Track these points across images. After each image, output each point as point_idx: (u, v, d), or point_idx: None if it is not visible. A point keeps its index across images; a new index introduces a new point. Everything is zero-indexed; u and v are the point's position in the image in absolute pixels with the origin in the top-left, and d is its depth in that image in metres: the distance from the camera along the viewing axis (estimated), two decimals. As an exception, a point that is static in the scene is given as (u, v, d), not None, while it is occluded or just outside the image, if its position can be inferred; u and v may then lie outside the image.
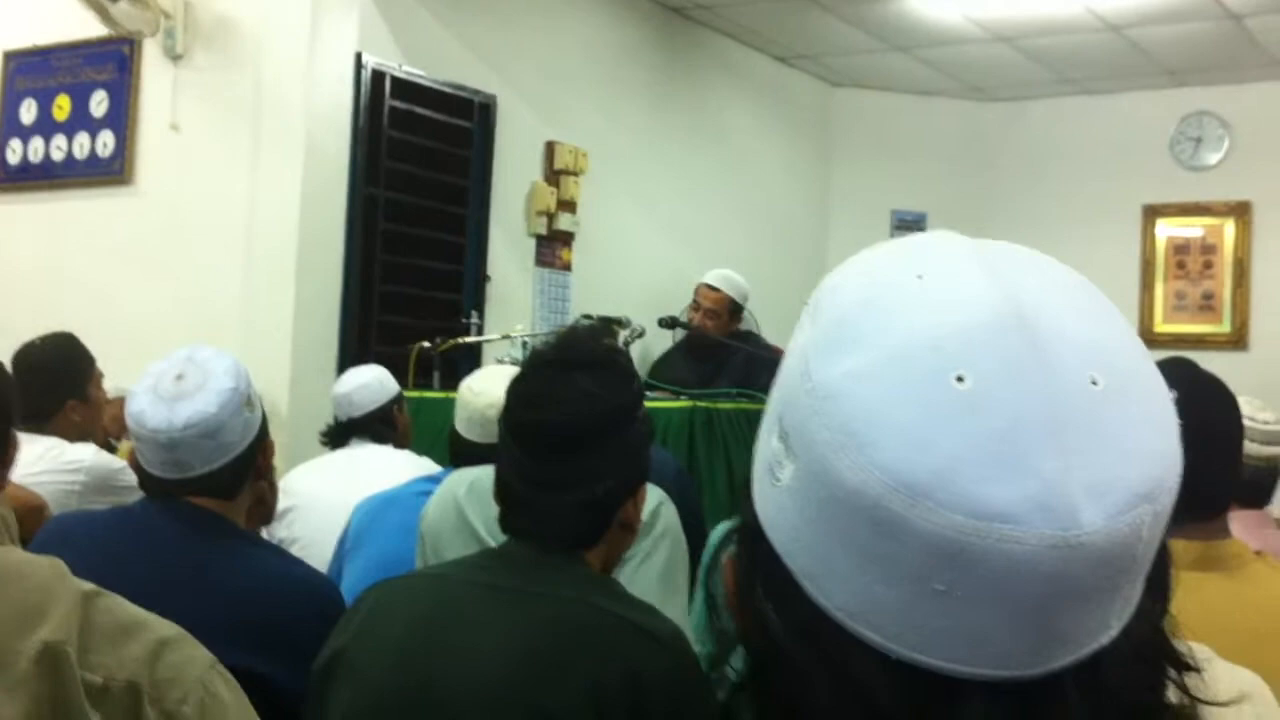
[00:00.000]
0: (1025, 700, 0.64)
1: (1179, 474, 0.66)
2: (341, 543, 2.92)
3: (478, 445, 2.64)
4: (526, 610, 1.61)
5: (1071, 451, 0.62)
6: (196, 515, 2.06)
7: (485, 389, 2.67)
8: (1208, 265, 7.82)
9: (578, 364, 1.74)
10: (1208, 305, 7.73)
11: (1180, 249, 7.92)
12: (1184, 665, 0.71)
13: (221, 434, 2.07)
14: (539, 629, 1.59)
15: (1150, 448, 0.65)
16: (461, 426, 2.73)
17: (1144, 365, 0.68)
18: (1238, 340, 7.47)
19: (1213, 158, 7.86)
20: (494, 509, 1.92)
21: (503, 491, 1.76)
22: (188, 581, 1.99)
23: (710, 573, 0.81)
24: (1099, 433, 0.63)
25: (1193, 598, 0.79)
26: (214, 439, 2.07)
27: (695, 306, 5.46)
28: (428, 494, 2.78)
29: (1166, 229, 7.95)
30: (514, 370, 2.90)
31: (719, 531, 2.73)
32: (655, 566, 2.18)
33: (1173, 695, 0.71)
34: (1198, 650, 0.73)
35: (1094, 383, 0.63)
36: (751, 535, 0.72)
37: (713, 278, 5.56)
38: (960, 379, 0.63)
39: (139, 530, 2.06)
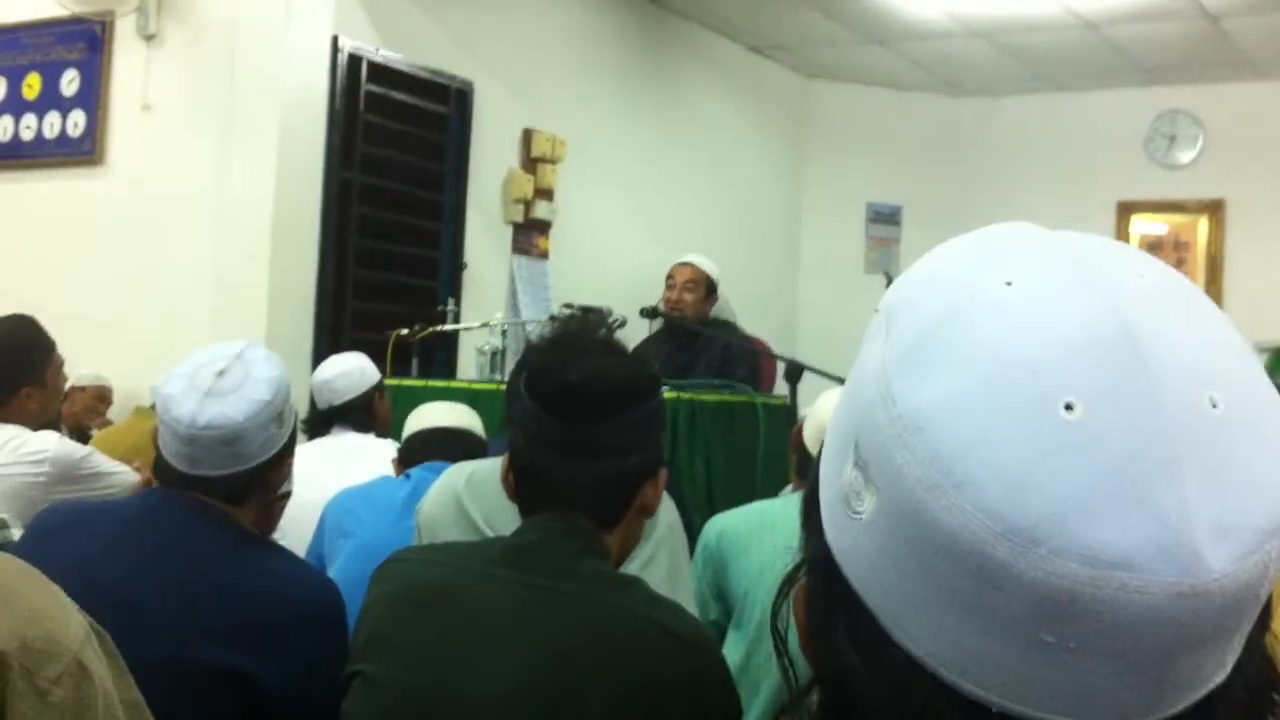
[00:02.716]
0: None
1: None
2: (319, 538, 2.88)
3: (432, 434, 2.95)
4: (551, 610, 1.57)
5: (1194, 487, 0.56)
6: (200, 510, 2.00)
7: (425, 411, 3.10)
8: (1181, 262, 7.86)
9: (593, 347, 1.73)
10: (1180, 303, 7.76)
11: (1154, 246, 7.95)
12: None
13: (239, 443, 2.01)
14: (563, 631, 1.55)
15: (1275, 474, 0.58)
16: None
17: (1258, 376, 0.61)
18: (1210, 338, 7.51)
19: (1186, 156, 7.90)
20: (494, 501, 1.88)
21: (523, 466, 1.71)
22: (183, 578, 1.93)
23: (775, 610, 0.75)
24: (1221, 464, 0.57)
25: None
26: (230, 446, 2.00)
27: (670, 286, 5.43)
28: (405, 487, 2.79)
29: (1141, 225, 8.00)
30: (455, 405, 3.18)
31: (714, 533, 2.70)
32: (661, 568, 2.15)
33: None
34: None
35: (1213, 405, 0.57)
36: (824, 569, 0.65)
37: (686, 257, 5.56)
38: (1069, 407, 0.56)
39: (138, 523, 2.00)
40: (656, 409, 1.74)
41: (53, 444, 3.21)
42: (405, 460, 2.98)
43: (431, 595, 1.64)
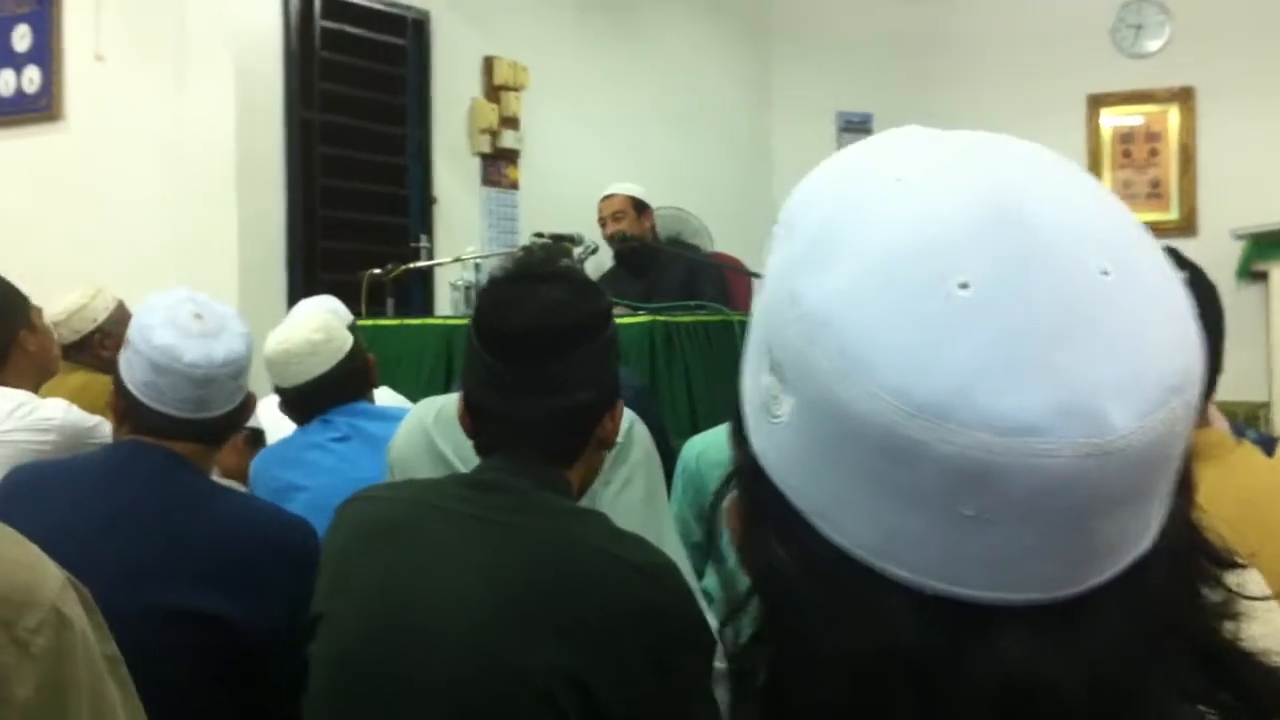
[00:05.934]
0: (1067, 620, 0.59)
1: (1203, 359, 0.61)
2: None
3: (285, 391, 2.79)
4: (509, 544, 1.56)
5: (1091, 350, 0.57)
6: (171, 460, 2.01)
7: (284, 334, 2.81)
8: (1153, 153, 7.83)
9: (543, 277, 1.70)
10: (1155, 193, 7.74)
11: (1125, 137, 7.91)
12: (1224, 561, 0.67)
13: (243, 376, 2.07)
14: (521, 565, 1.55)
15: (1173, 335, 0.60)
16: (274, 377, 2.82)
17: (1149, 246, 0.63)
18: (1186, 227, 7.49)
19: (1154, 44, 7.83)
20: (464, 434, 1.87)
21: (476, 410, 1.70)
22: (157, 527, 1.95)
23: (711, 523, 0.75)
24: (1118, 326, 0.58)
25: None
26: (237, 380, 2.06)
27: (603, 224, 5.43)
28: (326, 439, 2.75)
29: (1111, 118, 7.93)
30: (317, 310, 2.96)
31: (693, 454, 2.70)
32: (637, 491, 2.15)
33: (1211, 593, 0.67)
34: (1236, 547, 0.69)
35: (1104, 273, 0.59)
36: (752, 477, 0.67)
37: (607, 189, 5.53)
38: (963, 285, 0.58)
39: (111, 475, 2.01)
40: (608, 342, 1.72)
41: (60, 412, 3.20)
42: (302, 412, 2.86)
43: (388, 533, 1.64)
